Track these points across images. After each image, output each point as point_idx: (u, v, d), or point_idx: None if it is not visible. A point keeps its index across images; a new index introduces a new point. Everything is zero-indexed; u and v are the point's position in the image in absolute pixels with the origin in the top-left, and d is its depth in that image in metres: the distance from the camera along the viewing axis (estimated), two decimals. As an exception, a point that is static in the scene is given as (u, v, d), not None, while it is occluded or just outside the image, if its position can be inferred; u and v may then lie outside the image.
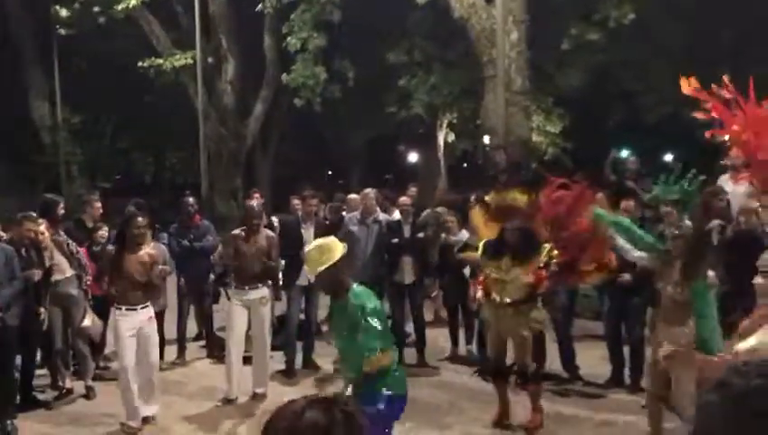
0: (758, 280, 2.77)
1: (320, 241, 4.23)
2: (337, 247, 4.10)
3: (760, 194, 2.86)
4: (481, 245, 6.13)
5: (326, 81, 14.91)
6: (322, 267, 4.01)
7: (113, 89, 20.82)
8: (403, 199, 8.53)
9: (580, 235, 5.79)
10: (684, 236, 5.05)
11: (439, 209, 9.00)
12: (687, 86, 2.84)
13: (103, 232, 7.85)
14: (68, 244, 7.22)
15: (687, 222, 5.27)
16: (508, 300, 5.86)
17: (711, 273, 5.05)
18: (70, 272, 7.10)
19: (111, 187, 23.22)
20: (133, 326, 6.29)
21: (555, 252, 5.78)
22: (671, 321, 5.06)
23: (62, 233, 7.29)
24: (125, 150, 24.68)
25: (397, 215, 8.81)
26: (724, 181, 7.46)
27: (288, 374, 7.78)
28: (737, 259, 5.69)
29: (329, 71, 14.80)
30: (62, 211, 7.53)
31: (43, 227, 6.84)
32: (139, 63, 16.56)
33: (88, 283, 7.25)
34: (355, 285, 4.16)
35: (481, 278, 6.23)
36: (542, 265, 5.78)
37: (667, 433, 5.41)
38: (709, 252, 5.17)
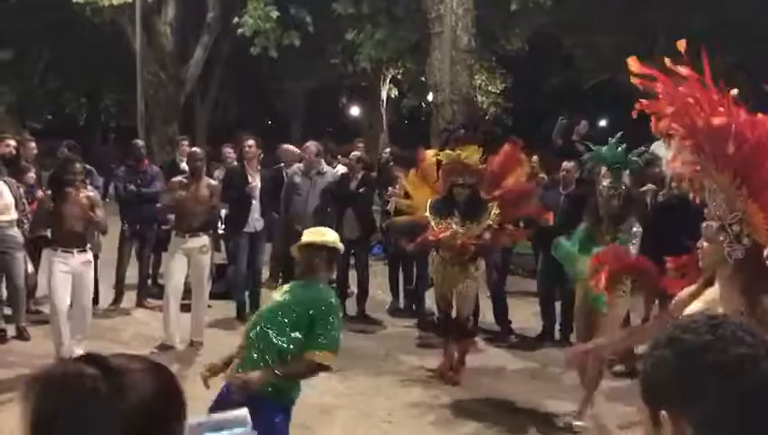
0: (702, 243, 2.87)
1: (320, 229, 4.06)
2: (335, 237, 3.93)
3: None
4: (428, 203, 6.17)
5: (279, 27, 14.62)
6: (317, 240, 3.83)
7: (45, 26, 19.84)
8: (353, 153, 8.51)
9: (512, 192, 6.05)
10: (619, 195, 5.31)
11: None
12: (635, 65, 2.88)
13: (31, 174, 7.62)
14: (18, 186, 7.00)
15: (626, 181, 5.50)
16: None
17: (637, 228, 5.35)
18: (15, 214, 6.88)
19: (42, 127, 22.32)
20: (68, 269, 6.27)
21: (497, 211, 5.93)
22: None
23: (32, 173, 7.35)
24: (56, 90, 23.66)
25: (341, 168, 8.79)
26: (658, 147, 7.70)
27: (241, 319, 7.51)
28: (668, 223, 5.97)
29: (281, 17, 14.48)
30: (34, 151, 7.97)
31: None
32: (74, 0, 15.77)
33: (26, 227, 7.04)
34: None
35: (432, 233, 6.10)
36: (489, 223, 5.90)
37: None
38: (636, 211, 5.43)
